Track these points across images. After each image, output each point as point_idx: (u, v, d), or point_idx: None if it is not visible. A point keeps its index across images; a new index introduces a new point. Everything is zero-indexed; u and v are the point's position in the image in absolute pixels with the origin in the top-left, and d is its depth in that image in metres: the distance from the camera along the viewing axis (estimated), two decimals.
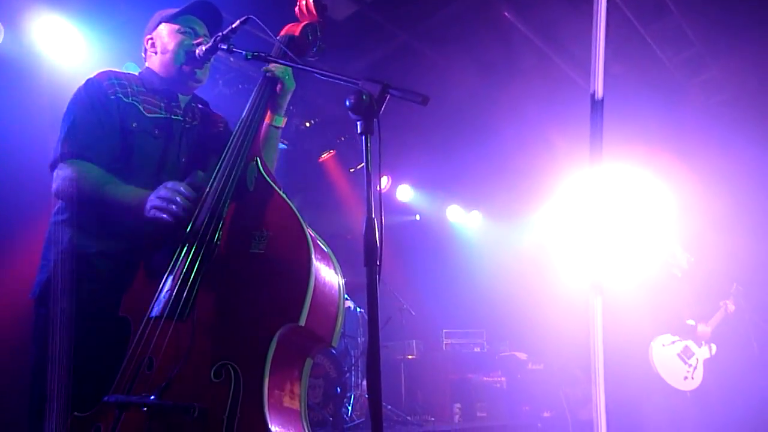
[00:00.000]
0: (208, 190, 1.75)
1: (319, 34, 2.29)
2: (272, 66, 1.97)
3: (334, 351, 5.02)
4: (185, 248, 1.66)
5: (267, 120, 2.02)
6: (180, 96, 2.07)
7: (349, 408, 4.90)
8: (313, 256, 1.61)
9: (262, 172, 1.78)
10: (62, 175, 1.78)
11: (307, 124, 5.98)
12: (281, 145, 6.05)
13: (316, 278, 1.60)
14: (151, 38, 2.08)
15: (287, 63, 1.89)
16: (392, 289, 6.03)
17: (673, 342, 4.77)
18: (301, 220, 1.66)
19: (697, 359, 4.76)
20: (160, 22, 2.07)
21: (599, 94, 1.83)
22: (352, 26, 5.29)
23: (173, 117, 2.01)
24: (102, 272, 1.76)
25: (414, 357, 6.91)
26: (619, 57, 5.52)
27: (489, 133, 6.90)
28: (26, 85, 4.20)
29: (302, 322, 1.54)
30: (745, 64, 5.36)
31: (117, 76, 1.96)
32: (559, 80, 6.06)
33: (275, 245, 1.63)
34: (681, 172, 5.78)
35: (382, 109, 1.51)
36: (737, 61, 5.45)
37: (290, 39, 2.13)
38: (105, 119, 1.86)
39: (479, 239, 8.10)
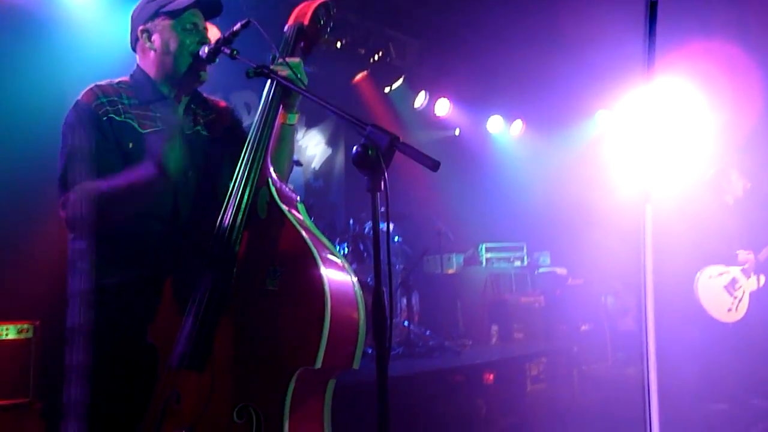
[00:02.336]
0: (220, 219, 1.68)
1: (332, 12, 2.08)
2: (279, 66, 1.78)
3: (370, 282, 5.12)
4: (203, 284, 1.63)
5: (280, 119, 1.86)
6: (180, 98, 1.94)
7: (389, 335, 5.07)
8: (328, 291, 1.55)
9: (275, 197, 1.69)
10: (69, 203, 1.73)
11: (338, 45, 5.67)
12: (310, 70, 5.83)
13: (332, 314, 1.55)
14: (147, 30, 1.89)
15: (293, 87, 1.71)
16: (429, 213, 5.99)
17: (721, 274, 4.65)
18: (314, 251, 1.59)
19: (744, 291, 4.64)
20: (158, 14, 1.88)
21: None
22: None
23: (171, 127, 1.88)
24: (125, 301, 1.76)
25: (454, 272, 7.00)
26: None
27: (533, 40, 6.43)
28: (43, 37, 4.08)
29: (318, 364, 1.53)
30: None
31: (105, 92, 1.82)
32: None
33: (289, 282, 1.58)
34: (743, 87, 5.31)
35: (390, 164, 1.37)
36: None
37: (299, 30, 1.93)
38: (101, 145, 1.76)
39: (521, 151, 7.85)
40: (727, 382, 4.54)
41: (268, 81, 1.83)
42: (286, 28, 1.97)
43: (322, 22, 2.01)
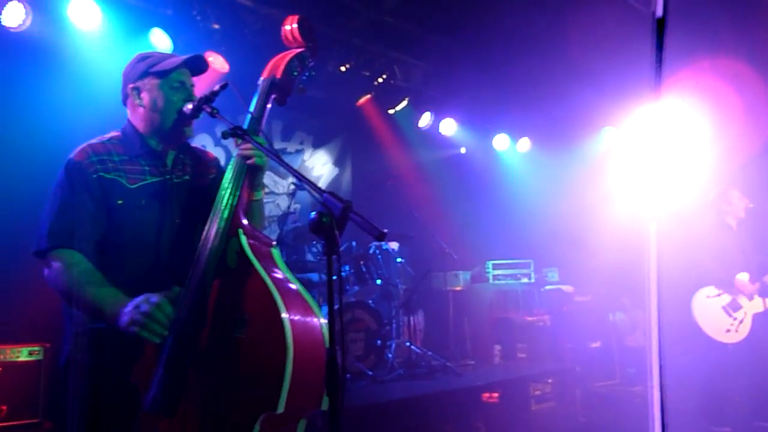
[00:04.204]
0: (192, 268, 1.77)
1: (308, 62, 2.16)
2: (248, 151, 1.88)
3: (372, 304, 5.20)
4: (174, 330, 1.72)
5: (248, 197, 1.96)
6: (168, 151, 2.05)
7: (390, 356, 5.13)
8: (290, 338, 1.61)
9: (245, 247, 1.78)
10: (51, 269, 1.83)
11: (343, 69, 5.78)
12: (318, 94, 5.93)
13: (294, 360, 1.62)
14: (137, 88, 2.01)
15: (262, 148, 1.80)
16: (435, 232, 6.03)
17: (719, 294, 4.63)
18: (278, 300, 1.66)
19: (746, 312, 4.60)
20: (147, 73, 2.00)
21: (659, 12, 1.76)
22: None
23: (160, 178, 1.99)
24: (114, 344, 1.82)
25: (461, 289, 7.03)
26: None
27: (538, 56, 6.46)
28: (55, 66, 4.26)
29: (281, 409, 1.60)
30: None
31: (96, 150, 1.94)
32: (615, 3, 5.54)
33: (254, 331, 1.67)
34: (750, 105, 5.29)
35: (342, 231, 1.45)
36: None
37: (272, 83, 2.02)
38: (89, 203, 1.86)
39: (527, 168, 7.87)
40: (731, 404, 4.51)
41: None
42: (260, 80, 2.06)
43: (296, 74, 2.10)
